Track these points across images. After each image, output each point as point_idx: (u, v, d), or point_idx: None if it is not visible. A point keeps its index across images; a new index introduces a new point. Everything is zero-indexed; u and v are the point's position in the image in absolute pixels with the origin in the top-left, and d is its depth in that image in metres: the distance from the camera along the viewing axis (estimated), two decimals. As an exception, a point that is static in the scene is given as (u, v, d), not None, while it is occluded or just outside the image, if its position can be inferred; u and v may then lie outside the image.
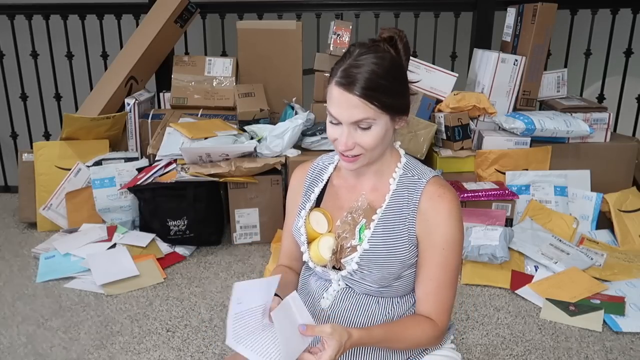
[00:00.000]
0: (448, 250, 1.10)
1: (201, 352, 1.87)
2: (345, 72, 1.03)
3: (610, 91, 3.41)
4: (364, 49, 1.06)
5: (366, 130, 1.05)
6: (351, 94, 1.02)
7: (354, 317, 1.15)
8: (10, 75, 3.50)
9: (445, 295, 1.12)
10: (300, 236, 1.19)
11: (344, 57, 1.07)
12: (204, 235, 2.65)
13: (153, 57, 3.14)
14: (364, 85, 1.01)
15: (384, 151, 1.13)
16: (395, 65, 1.06)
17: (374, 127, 1.05)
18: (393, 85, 1.05)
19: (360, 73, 1.02)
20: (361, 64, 1.03)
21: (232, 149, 2.64)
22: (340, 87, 1.03)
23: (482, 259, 2.32)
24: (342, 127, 1.06)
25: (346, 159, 1.09)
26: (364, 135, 1.05)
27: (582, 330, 1.97)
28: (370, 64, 1.03)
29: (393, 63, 1.05)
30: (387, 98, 1.03)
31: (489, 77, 2.89)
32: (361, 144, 1.06)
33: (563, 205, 2.72)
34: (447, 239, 1.10)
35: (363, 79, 1.02)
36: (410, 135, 2.66)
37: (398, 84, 1.06)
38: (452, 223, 1.10)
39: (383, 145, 1.09)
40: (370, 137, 1.05)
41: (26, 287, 2.31)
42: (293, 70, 3.10)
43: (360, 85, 1.01)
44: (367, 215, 1.14)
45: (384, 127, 1.06)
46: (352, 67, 1.03)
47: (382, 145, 1.09)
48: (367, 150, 1.07)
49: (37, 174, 2.87)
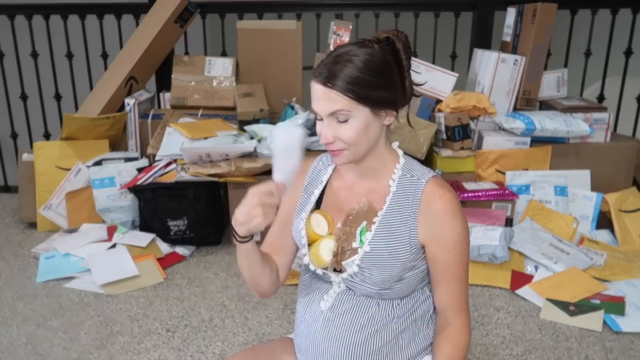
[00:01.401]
0: (459, 248, 1.12)
1: (201, 352, 1.87)
2: (322, 67, 1.06)
3: (610, 91, 3.41)
4: (346, 46, 1.08)
5: (344, 123, 1.06)
6: (326, 87, 1.04)
7: (354, 319, 1.14)
8: (10, 75, 3.49)
9: (465, 289, 1.16)
10: (300, 239, 1.19)
11: (327, 55, 1.09)
12: (204, 235, 2.65)
13: (153, 57, 3.14)
14: (339, 77, 1.03)
15: (373, 148, 1.12)
16: (380, 61, 1.06)
17: (351, 119, 1.05)
18: (372, 78, 1.05)
19: (337, 67, 1.04)
20: (339, 59, 1.05)
21: (232, 149, 2.64)
22: (316, 81, 1.05)
23: (482, 259, 2.32)
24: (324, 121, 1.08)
25: (331, 153, 1.11)
26: (343, 128, 1.06)
27: (582, 330, 1.97)
28: (350, 57, 1.04)
29: (373, 57, 1.06)
30: (363, 90, 1.04)
31: (489, 77, 2.89)
32: (341, 138, 1.07)
33: (563, 205, 2.72)
34: (455, 238, 1.11)
35: (338, 71, 1.03)
36: (410, 135, 2.66)
37: (379, 78, 1.06)
38: (457, 222, 1.11)
39: (368, 141, 1.09)
40: (350, 130, 1.06)
41: (26, 287, 2.31)
42: (293, 70, 3.10)
43: (335, 77, 1.03)
44: (368, 217, 1.13)
45: (363, 121, 1.06)
46: (330, 62, 1.05)
47: (366, 141, 1.09)
48: (349, 145, 1.07)
49: (37, 174, 2.87)
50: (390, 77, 1.09)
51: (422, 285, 1.18)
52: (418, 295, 1.18)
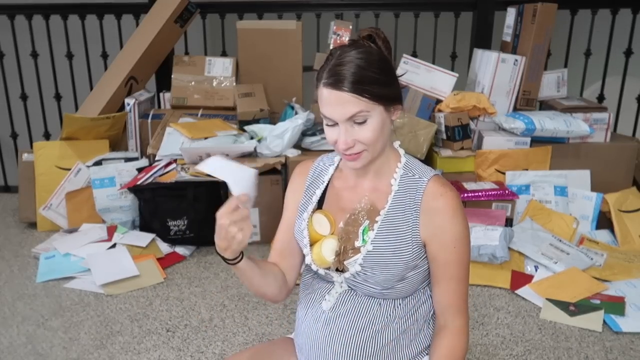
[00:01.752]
0: (459, 247, 1.12)
1: (201, 352, 1.87)
2: (330, 71, 1.04)
3: (610, 91, 3.41)
4: (346, 48, 1.07)
5: (363, 124, 1.05)
6: (340, 90, 1.03)
7: (356, 319, 1.14)
8: (10, 75, 3.49)
9: (464, 290, 1.15)
10: (303, 239, 1.19)
11: (327, 61, 1.07)
12: (204, 235, 2.65)
13: (153, 57, 3.14)
14: (352, 79, 1.02)
15: (386, 145, 1.13)
16: (379, 58, 1.07)
17: (369, 120, 1.05)
18: (380, 76, 1.05)
19: (346, 69, 1.03)
20: (345, 61, 1.04)
21: (232, 149, 2.65)
22: (328, 87, 1.04)
23: (482, 259, 2.32)
24: (339, 127, 1.06)
25: (349, 158, 1.09)
26: (362, 130, 1.06)
27: (582, 330, 1.97)
28: (354, 59, 1.04)
29: (377, 55, 1.07)
30: (376, 88, 1.04)
31: (489, 77, 2.89)
32: (361, 140, 1.06)
33: (563, 205, 2.72)
34: (456, 237, 1.11)
35: (350, 73, 1.03)
36: (410, 135, 2.66)
37: (385, 75, 1.07)
38: (458, 221, 1.11)
39: (384, 139, 1.09)
40: (369, 131, 1.06)
41: (26, 287, 2.31)
42: (293, 70, 3.10)
43: (348, 80, 1.02)
44: (370, 216, 1.14)
45: (380, 119, 1.06)
46: (337, 65, 1.04)
47: (382, 139, 1.09)
48: (368, 145, 1.07)
49: (37, 174, 2.87)
50: (392, 72, 1.10)
51: (423, 285, 1.18)
52: (420, 295, 1.18)
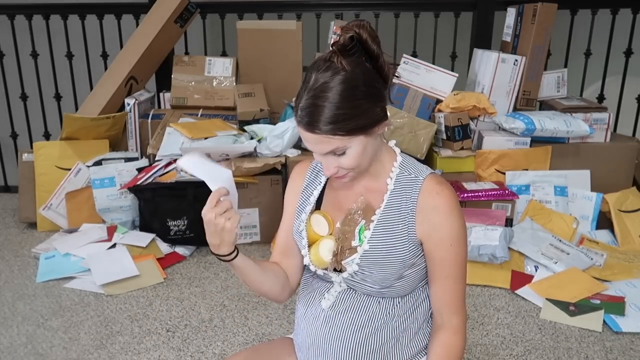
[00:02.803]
0: (456, 245, 1.11)
1: (201, 352, 1.87)
2: (303, 111, 1.02)
3: (610, 91, 3.41)
4: (320, 75, 1.01)
5: (342, 155, 1.06)
6: (314, 133, 1.02)
7: (355, 317, 1.15)
8: (10, 75, 3.50)
9: (461, 288, 1.15)
10: (301, 240, 1.19)
11: (302, 87, 1.04)
12: (204, 235, 2.62)
13: (153, 57, 3.14)
14: (325, 121, 1.00)
15: (375, 157, 1.13)
16: (351, 84, 1.01)
17: (349, 150, 1.05)
18: (353, 109, 1.01)
19: (318, 111, 1.00)
20: (319, 99, 1.00)
21: (232, 149, 2.65)
22: (302, 127, 1.03)
23: (482, 259, 2.32)
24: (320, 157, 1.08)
25: (336, 178, 1.11)
26: (343, 158, 1.06)
27: (582, 330, 1.97)
28: (323, 94, 1.00)
29: (347, 82, 1.01)
30: (352, 123, 1.02)
31: (489, 77, 2.89)
32: (344, 167, 1.07)
33: (563, 205, 2.72)
34: (452, 235, 1.11)
35: (320, 114, 1.00)
36: (410, 135, 2.66)
37: (359, 103, 1.02)
38: (454, 219, 1.11)
39: (370, 157, 1.10)
40: (350, 159, 1.06)
41: (26, 287, 2.31)
42: (293, 70, 3.10)
43: (321, 122, 1.00)
44: (366, 216, 1.14)
45: (360, 146, 1.05)
46: (309, 104, 1.01)
47: (368, 158, 1.09)
48: (352, 169, 1.08)
49: (37, 174, 2.87)
50: (370, 93, 1.04)
51: (422, 284, 1.18)
52: (419, 293, 1.18)
